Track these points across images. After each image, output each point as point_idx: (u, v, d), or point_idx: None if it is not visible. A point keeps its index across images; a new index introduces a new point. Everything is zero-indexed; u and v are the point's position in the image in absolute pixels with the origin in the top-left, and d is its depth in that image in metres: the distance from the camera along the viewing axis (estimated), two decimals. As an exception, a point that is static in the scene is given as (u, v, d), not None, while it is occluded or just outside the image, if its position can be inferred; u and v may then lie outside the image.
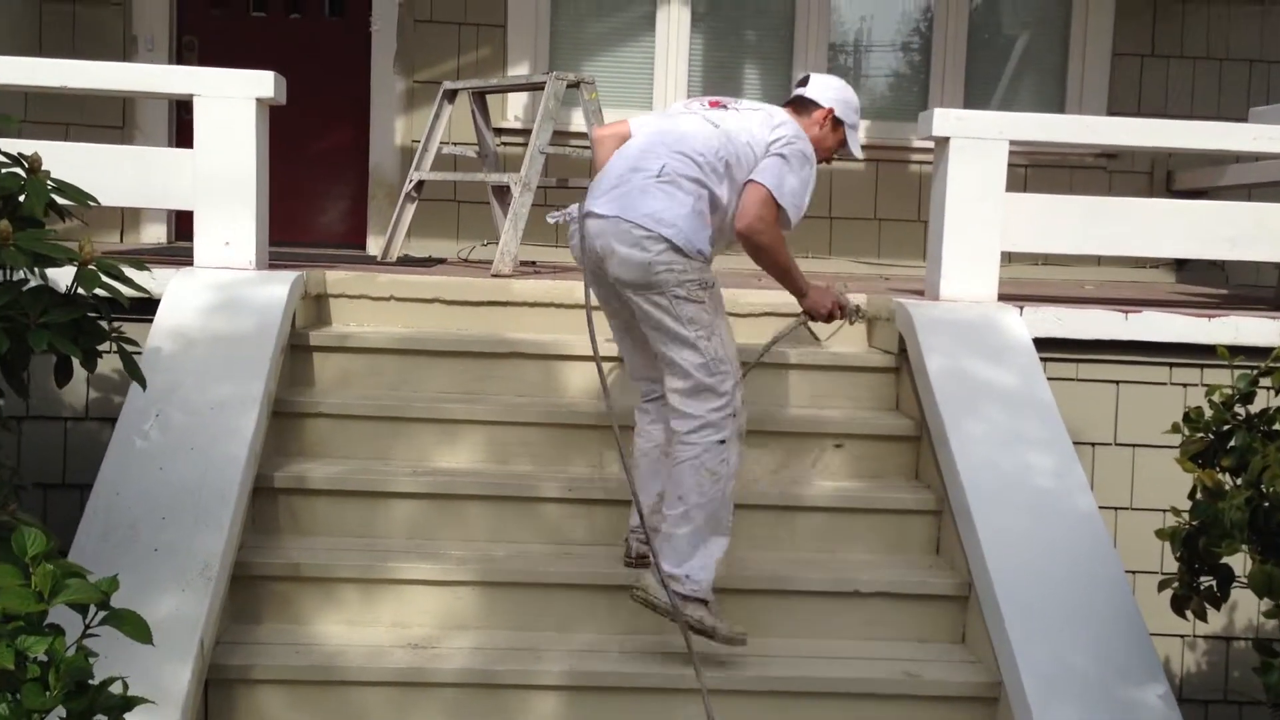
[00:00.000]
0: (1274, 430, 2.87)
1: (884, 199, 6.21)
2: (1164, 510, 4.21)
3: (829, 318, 3.59)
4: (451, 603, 3.42)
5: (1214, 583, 3.09)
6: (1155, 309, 4.18)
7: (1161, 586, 3.12)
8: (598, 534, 3.67)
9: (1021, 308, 4.09)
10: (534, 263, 5.27)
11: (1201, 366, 4.20)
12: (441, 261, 5.54)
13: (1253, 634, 4.23)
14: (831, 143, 3.55)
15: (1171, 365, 4.21)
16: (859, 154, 3.61)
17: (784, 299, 4.21)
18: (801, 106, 3.53)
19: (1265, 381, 3.08)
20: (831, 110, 3.51)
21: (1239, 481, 2.91)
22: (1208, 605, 3.02)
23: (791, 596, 3.49)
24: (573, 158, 5.14)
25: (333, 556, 3.46)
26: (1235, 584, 3.02)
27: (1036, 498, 3.46)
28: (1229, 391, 3.00)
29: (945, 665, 3.35)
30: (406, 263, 5.22)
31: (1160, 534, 3.09)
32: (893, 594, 3.49)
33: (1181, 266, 6.34)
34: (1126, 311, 4.12)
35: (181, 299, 3.76)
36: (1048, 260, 6.29)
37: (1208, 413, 3.01)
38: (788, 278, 3.47)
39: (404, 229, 5.22)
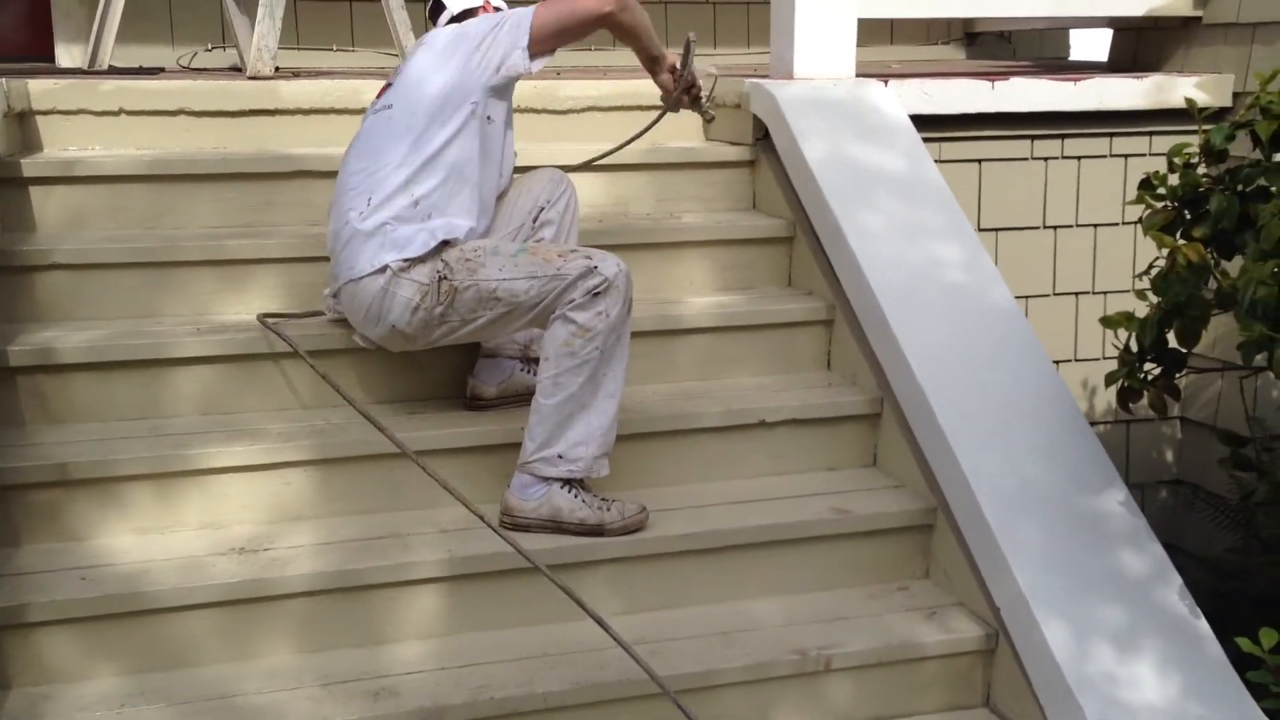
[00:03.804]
0: (1254, 190, 2.51)
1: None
2: (1023, 298, 3.97)
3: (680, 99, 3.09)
4: (279, 490, 2.69)
5: (1158, 371, 2.79)
6: (1019, 76, 3.80)
7: (1109, 380, 2.79)
8: (446, 385, 3.00)
9: (886, 81, 3.61)
10: (295, 70, 4.33)
11: (1062, 137, 3.89)
12: (160, 71, 4.49)
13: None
14: None
15: (1033, 138, 3.87)
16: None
17: (608, 90, 3.57)
18: (462, 17, 2.88)
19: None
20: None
21: (1212, 254, 2.56)
22: (1167, 397, 2.71)
23: (689, 436, 2.96)
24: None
25: (110, 449, 2.64)
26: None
27: (952, 295, 3.05)
28: (1192, 151, 2.62)
29: (869, 494, 2.93)
30: (116, 73, 4.17)
31: (1109, 321, 2.73)
32: (801, 420, 3.02)
33: (971, 41, 6.05)
34: (993, 80, 3.71)
35: None
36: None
37: (1171, 178, 2.63)
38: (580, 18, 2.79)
39: (113, 27, 4.15)
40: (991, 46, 6.04)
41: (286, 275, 3.07)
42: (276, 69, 3.88)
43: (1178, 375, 2.75)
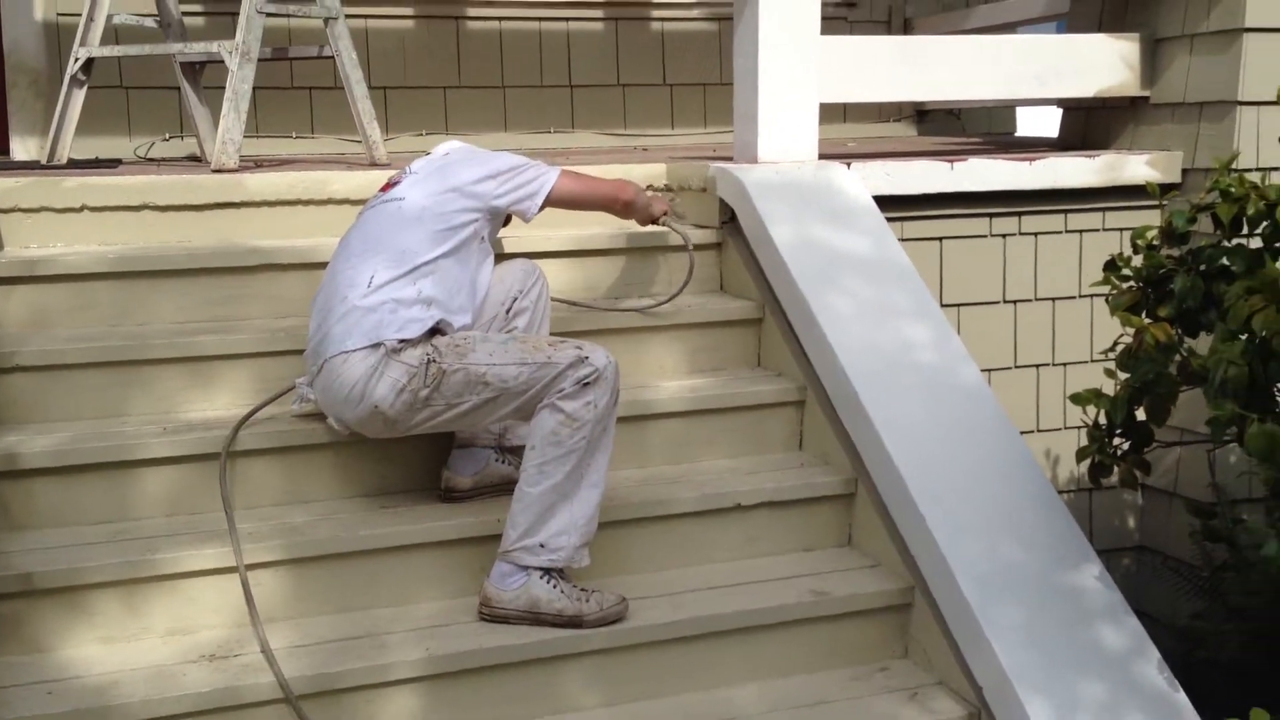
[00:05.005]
0: (1216, 270, 2.56)
1: (626, 63, 5.62)
2: (986, 371, 4.01)
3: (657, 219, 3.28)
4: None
5: (1127, 446, 2.82)
6: (977, 156, 3.87)
7: (1081, 456, 2.81)
8: (420, 477, 2.97)
9: (849, 163, 3.66)
10: (257, 160, 4.33)
11: (1019, 214, 3.95)
12: (118, 163, 4.48)
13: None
14: None
15: (991, 216, 3.93)
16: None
17: (578, 232, 3.55)
18: None
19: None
20: None
21: (1178, 332, 2.61)
22: (1137, 471, 2.73)
23: (664, 521, 2.94)
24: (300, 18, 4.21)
25: (75, 556, 2.59)
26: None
27: (923, 375, 3.07)
28: (1152, 234, 2.67)
29: (846, 575, 2.93)
30: (75, 166, 4.15)
31: (1079, 399, 2.75)
32: (776, 502, 3.02)
33: (922, 118, 6.17)
34: (952, 161, 3.78)
35: None
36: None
37: (1135, 259, 2.68)
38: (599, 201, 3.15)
39: (73, 121, 4.13)
40: (941, 123, 6.17)
41: (256, 370, 3.04)
42: (242, 160, 3.88)
43: (1146, 450, 2.78)
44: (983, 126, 6.25)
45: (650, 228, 3.41)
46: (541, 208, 2.93)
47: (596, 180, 3.09)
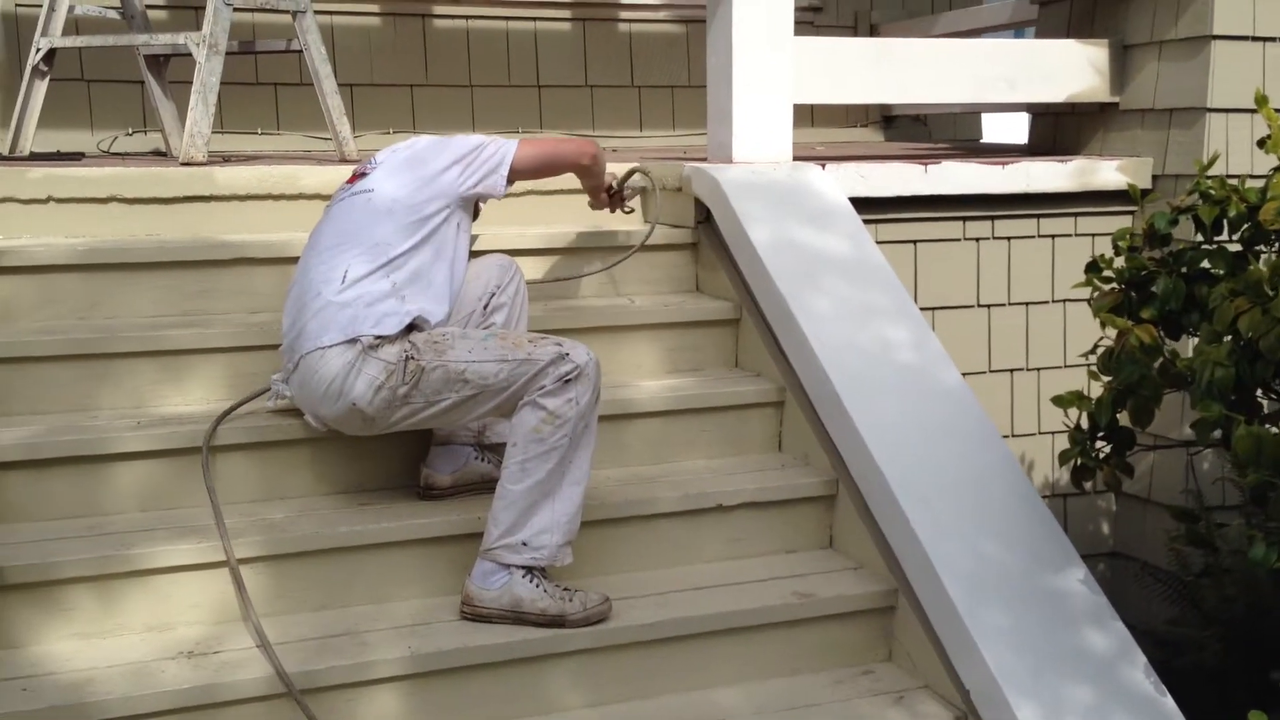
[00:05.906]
0: (1197, 272, 2.58)
1: (594, 64, 5.60)
2: (962, 374, 4.03)
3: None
4: (227, 588, 2.58)
5: (1109, 449, 2.83)
6: (950, 160, 3.89)
7: (1064, 459, 2.83)
8: (398, 474, 2.92)
9: (824, 164, 3.66)
10: (225, 155, 4.25)
11: (992, 219, 3.98)
12: (80, 156, 4.39)
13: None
14: None
15: (965, 220, 3.95)
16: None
17: (549, 230, 3.55)
18: None
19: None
20: None
21: (1161, 334, 2.63)
22: (1121, 474, 2.75)
23: (646, 521, 2.92)
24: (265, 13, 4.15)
25: (48, 550, 2.52)
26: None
27: (903, 376, 3.07)
28: (1136, 235, 2.69)
29: (830, 577, 2.91)
30: (39, 160, 4.06)
31: (1061, 401, 2.78)
32: (759, 503, 3.00)
33: (889, 124, 6.20)
34: (925, 164, 3.79)
35: None
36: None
37: (1117, 261, 2.69)
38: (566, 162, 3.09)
39: (35, 113, 4.04)
40: (908, 129, 6.20)
41: (229, 365, 2.98)
42: (208, 154, 3.81)
43: (1128, 453, 2.80)
44: (949, 132, 6.30)
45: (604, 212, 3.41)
46: (510, 182, 2.84)
47: (559, 141, 3.05)
